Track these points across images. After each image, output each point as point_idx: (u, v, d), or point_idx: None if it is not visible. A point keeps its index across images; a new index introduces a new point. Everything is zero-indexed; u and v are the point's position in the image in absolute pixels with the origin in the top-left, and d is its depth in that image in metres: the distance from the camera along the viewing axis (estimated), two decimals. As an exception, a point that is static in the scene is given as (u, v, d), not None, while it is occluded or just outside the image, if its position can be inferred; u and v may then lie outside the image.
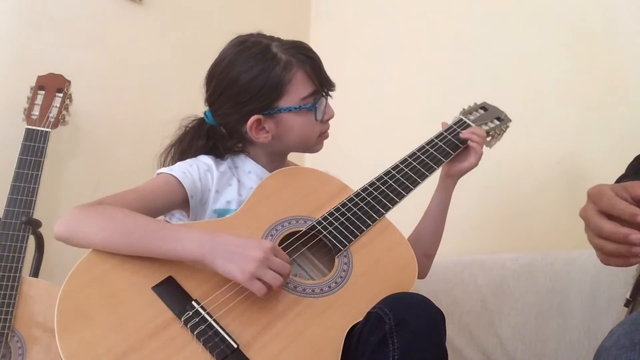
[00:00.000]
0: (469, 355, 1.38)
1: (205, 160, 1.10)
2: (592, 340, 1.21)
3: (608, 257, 0.73)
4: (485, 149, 1.23)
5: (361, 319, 0.88)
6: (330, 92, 1.15)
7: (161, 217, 1.08)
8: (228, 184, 1.10)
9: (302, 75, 1.09)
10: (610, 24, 1.47)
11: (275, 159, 1.18)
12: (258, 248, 0.86)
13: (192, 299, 0.86)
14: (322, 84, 1.12)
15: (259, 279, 0.85)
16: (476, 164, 1.18)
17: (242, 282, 0.85)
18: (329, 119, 1.15)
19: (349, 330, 0.88)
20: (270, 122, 1.09)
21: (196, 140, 1.13)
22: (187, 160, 1.10)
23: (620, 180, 0.97)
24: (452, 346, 1.39)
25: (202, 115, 1.16)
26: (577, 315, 1.26)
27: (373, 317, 0.85)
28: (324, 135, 1.16)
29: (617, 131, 1.42)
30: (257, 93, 1.07)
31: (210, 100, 1.14)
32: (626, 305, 0.79)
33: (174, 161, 1.13)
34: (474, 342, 1.39)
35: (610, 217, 0.71)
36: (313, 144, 1.16)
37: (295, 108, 1.09)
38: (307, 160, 2.11)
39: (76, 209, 0.93)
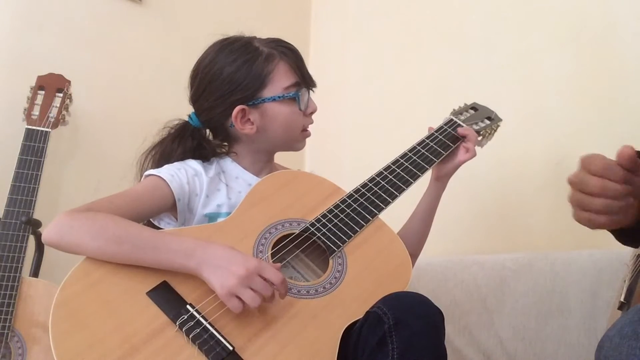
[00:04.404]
0: (468, 355, 1.38)
1: (193, 165, 1.11)
2: (592, 340, 1.21)
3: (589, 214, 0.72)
4: (477, 148, 1.23)
5: (357, 319, 0.88)
6: (312, 89, 1.16)
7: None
8: (217, 188, 1.10)
9: (284, 66, 1.11)
10: (611, 23, 1.47)
11: (260, 159, 1.18)
12: (242, 265, 0.85)
13: (186, 303, 0.86)
14: (304, 77, 1.14)
15: (238, 296, 0.84)
16: (465, 161, 1.19)
17: (220, 296, 0.85)
18: (311, 113, 1.16)
19: (347, 330, 0.88)
20: (255, 112, 1.10)
21: (179, 142, 1.13)
22: (175, 163, 1.10)
23: None
24: (452, 346, 1.39)
25: (186, 118, 1.16)
26: (577, 315, 1.26)
27: (372, 317, 0.85)
28: (306, 132, 1.17)
29: (617, 131, 1.42)
30: (240, 84, 1.09)
31: (195, 97, 1.14)
32: (620, 308, 0.79)
33: (154, 162, 1.12)
34: (474, 342, 1.39)
35: None
36: (296, 139, 1.17)
37: (279, 97, 1.10)
38: (307, 160, 2.11)
39: (66, 215, 0.92)
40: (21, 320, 1.38)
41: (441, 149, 1.18)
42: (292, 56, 1.13)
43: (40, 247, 1.50)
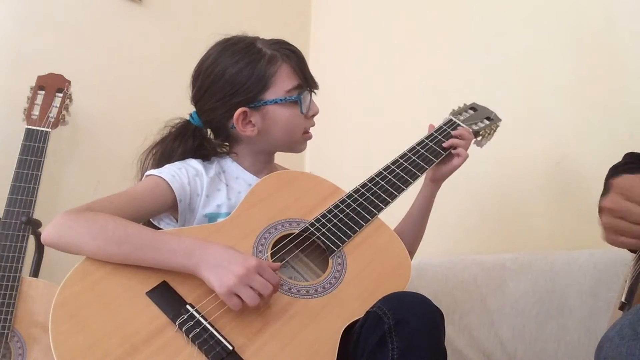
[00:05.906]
0: (469, 355, 1.38)
1: (194, 164, 1.10)
2: (592, 340, 1.20)
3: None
4: (477, 148, 1.23)
5: (356, 318, 0.88)
6: (314, 91, 1.16)
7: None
8: (217, 189, 1.10)
9: (286, 69, 1.11)
10: (610, 24, 1.47)
11: (260, 159, 1.18)
12: (241, 264, 0.85)
13: (186, 303, 0.86)
14: (307, 79, 1.13)
15: (237, 295, 0.84)
16: (459, 165, 1.19)
17: (220, 295, 0.85)
18: (313, 115, 1.16)
19: (347, 329, 0.88)
20: (257, 115, 1.10)
21: (180, 141, 1.13)
22: (176, 163, 1.10)
23: (616, 167, 0.98)
24: (452, 346, 1.39)
25: (187, 117, 1.16)
26: (577, 315, 1.26)
27: (372, 317, 0.85)
28: (307, 134, 1.17)
29: (617, 131, 1.42)
30: (242, 86, 1.08)
31: (196, 97, 1.14)
32: (621, 308, 0.79)
33: (155, 161, 1.12)
34: (474, 342, 1.39)
35: None
36: (297, 141, 1.16)
37: (281, 100, 1.10)
38: (307, 160, 2.11)
39: (65, 215, 0.92)
40: (21, 320, 1.38)
41: (440, 149, 1.18)
42: (294, 58, 1.12)
43: (40, 247, 1.50)
